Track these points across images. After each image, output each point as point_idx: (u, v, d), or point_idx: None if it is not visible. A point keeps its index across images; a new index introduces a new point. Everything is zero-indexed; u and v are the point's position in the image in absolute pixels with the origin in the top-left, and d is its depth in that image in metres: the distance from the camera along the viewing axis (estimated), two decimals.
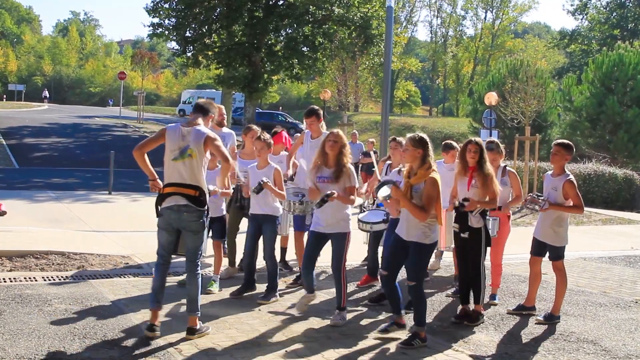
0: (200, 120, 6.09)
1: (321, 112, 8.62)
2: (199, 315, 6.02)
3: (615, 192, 22.28)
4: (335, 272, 6.68)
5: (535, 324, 6.99)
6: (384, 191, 5.97)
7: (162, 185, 6.00)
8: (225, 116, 9.42)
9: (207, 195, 6.07)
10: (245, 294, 7.49)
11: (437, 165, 6.32)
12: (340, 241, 6.63)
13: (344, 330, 6.43)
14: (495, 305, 7.70)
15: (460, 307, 7.07)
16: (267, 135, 7.65)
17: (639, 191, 23.34)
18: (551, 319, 7.04)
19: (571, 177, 6.94)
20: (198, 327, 5.99)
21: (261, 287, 7.58)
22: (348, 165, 6.63)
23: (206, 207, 6.00)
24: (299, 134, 9.49)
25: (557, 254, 7.05)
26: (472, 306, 6.98)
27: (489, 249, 7.18)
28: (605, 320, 7.28)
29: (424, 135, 6.12)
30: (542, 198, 7.00)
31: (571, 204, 6.91)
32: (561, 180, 6.92)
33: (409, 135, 6.18)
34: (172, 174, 5.91)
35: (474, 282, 6.90)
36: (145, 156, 6.00)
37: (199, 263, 6.06)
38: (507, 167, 7.95)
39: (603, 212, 18.76)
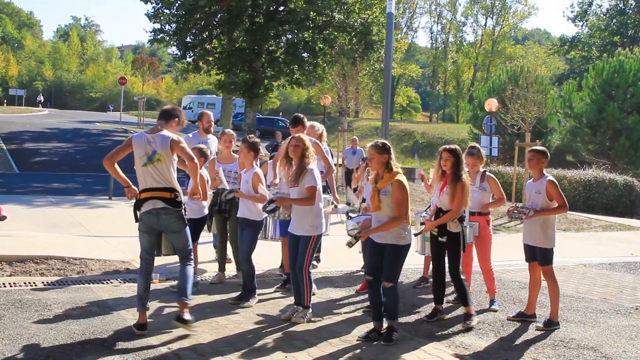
0: (163, 126, 6.35)
1: (306, 119, 8.74)
2: (188, 303, 6.19)
3: (616, 199, 22.28)
4: (299, 272, 6.81)
5: (535, 330, 6.99)
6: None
7: (138, 191, 6.22)
8: (213, 123, 9.80)
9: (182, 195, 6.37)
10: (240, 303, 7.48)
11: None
12: (305, 242, 6.78)
13: (342, 335, 6.43)
14: (496, 311, 7.70)
15: (433, 306, 7.26)
16: (254, 139, 7.67)
17: (639, 197, 23.34)
18: (550, 325, 7.03)
19: (551, 177, 7.07)
20: (186, 317, 6.11)
21: (260, 291, 7.58)
22: (308, 167, 6.74)
23: (183, 207, 6.30)
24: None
25: (546, 258, 7.07)
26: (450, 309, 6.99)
27: (470, 254, 7.32)
28: (605, 327, 7.27)
29: (386, 141, 6.40)
30: (526, 206, 7.07)
31: (555, 204, 6.97)
32: (543, 182, 7.02)
33: (371, 143, 6.40)
34: (145, 179, 6.17)
35: (456, 286, 7.10)
36: (116, 165, 6.25)
37: (191, 257, 6.42)
38: (487, 173, 7.99)
39: (603, 218, 18.76)
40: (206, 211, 8.15)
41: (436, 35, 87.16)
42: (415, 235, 7.60)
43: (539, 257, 7.10)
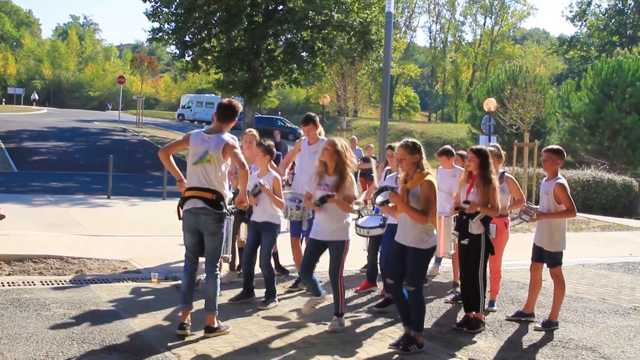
0: (223, 128, 6.27)
1: (318, 118, 8.62)
2: (217, 314, 6.24)
3: (614, 199, 22.29)
4: (333, 279, 6.68)
5: (534, 330, 6.99)
6: (382, 197, 6.03)
7: (185, 188, 6.23)
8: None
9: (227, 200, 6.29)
10: (244, 301, 7.47)
11: (438, 171, 6.36)
12: (339, 249, 6.63)
13: (342, 336, 6.42)
14: (494, 311, 7.70)
15: (463, 314, 7.06)
16: (269, 142, 7.63)
17: (638, 198, 23.35)
18: (549, 326, 7.03)
19: (562, 180, 6.98)
20: (216, 325, 6.21)
21: (259, 293, 7.57)
22: (349, 175, 6.61)
23: (225, 210, 6.18)
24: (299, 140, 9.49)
25: (554, 260, 7.05)
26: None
27: (498, 257, 7.15)
28: (604, 327, 7.27)
29: (416, 141, 6.17)
30: (532, 208, 7.03)
31: (564, 207, 6.91)
32: (552, 184, 6.96)
33: (401, 142, 6.20)
34: (192, 177, 6.17)
35: (473, 290, 6.88)
36: (171, 157, 6.29)
37: (217, 265, 6.27)
38: (505, 173, 7.94)
39: (602, 218, 18.78)
40: None
41: (435, 34, 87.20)
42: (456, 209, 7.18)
43: (547, 259, 7.08)
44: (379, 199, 6.03)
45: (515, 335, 6.82)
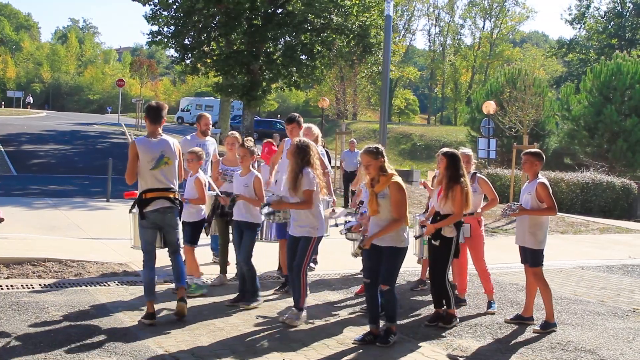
0: (158, 129, 6.81)
1: (302, 119, 8.73)
2: (186, 284, 7.00)
3: (613, 201, 22.30)
4: (295, 273, 6.80)
5: (533, 332, 6.99)
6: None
7: (141, 191, 6.65)
8: (211, 126, 9.79)
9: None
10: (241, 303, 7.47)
11: (436, 174, 6.42)
12: (304, 244, 6.78)
13: (339, 337, 6.43)
14: (493, 314, 7.70)
15: (434, 310, 7.22)
16: (250, 143, 7.69)
17: (637, 200, 23.37)
18: (547, 327, 7.03)
19: (543, 179, 7.09)
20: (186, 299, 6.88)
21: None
22: (304, 171, 6.71)
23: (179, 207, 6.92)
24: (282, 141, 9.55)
25: (537, 259, 7.09)
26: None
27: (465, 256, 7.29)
28: (603, 330, 7.27)
29: (378, 145, 6.38)
30: (514, 204, 7.13)
31: (545, 206, 6.98)
32: (534, 184, 7.06)
33: (363, 150, 6.36)
34: (152, 180, 6.61)
35: (442, 289, 7.05)
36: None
37: (180, 249, 6.99)
38: (477, 174, 8.01)
39: (601, 221, 18.77)
40: (204, 214, 8.16)
41: (434, 37, 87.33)
42: (416, 238, 7.63)
43: (529, 258, 7.13)
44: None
45: (514, 338, 6.81)
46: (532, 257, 7.11)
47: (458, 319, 7.18)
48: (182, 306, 6.74)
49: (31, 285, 7.92)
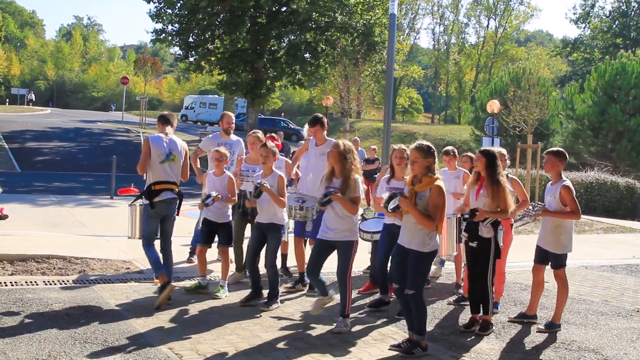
0: (169, 130, 7.61)
1: (325, 120, 8.60)
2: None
3: (617, 201, 22.24)
4: (341, 280, 6.68)
5: (537, 332, 6.98)
6: (393, 204, 5.95)
7: (150, 183, 7.35)
8: (233, 125, 9.59)
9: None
10: (253, 302, 7.46)
11: (441, 172, 6.35)
12: (347, 249, 6.64)
13: (344, 337, 6.42)
14: (497, 313, 7.68)
15: (467, 316, 7.07)
16: (272, 143, 7.65)
17: None
18: (551, 327, 7.02)
19: (567, 182, 6.96)
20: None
21: (264, 292, 7.58)
22: (354, 177, 6.62)
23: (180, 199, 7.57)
24: (302, 141, 9.51)
25: (559, 262, 7.04)
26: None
27: (503, 260, 7.15)
28: (606, 329, 7.26)
29: (431, 144, 6.13)
30: (538, 204, 7.03)
31: (568, 209, 6.91)
32: (558, 187, 6.95)
33: (415, 144, 6.14)
34: (160, 173, 7.36)
35: (481, 293, 6.87)
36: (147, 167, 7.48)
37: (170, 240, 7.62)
38: (510, 175, 7.93)
39: (605, 220, 18.74)
40: (230, 216, 8.13)
41: (438, 36, 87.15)
42: (460, 242, 7.35)
43: (552, 260, 7.06)
44: (391, 205, 5.96)
45: (518, 337, 6.81)
46: (554, 260, 7.03)
47: (493, 326, 6.99)
48: (167, 294, 7.15)
49: (35, 282, 7.93)
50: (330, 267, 7.02)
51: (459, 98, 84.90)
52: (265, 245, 7.43)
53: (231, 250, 8.33)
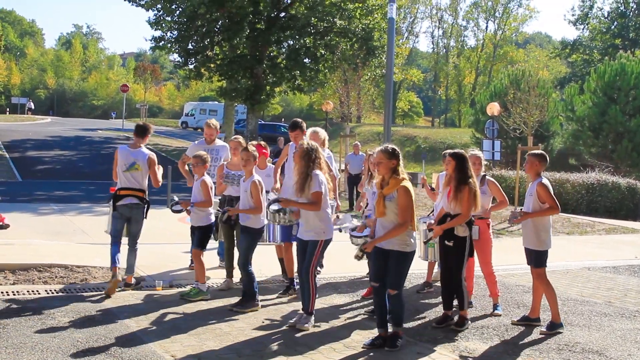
0: (141, 143, 8.43)
1: (304, 125, 8.79)
2: (133, 275, 8.37)
3: (619, 202, 22.20)
4: (303, 276, 6.78)
5: (540, 334, 6.96)
6: (359, 241, 6.49)
7: (117, 188, 8.31)
8: (214, 135, 9.74)
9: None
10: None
11: (439, 176, 6.41)
12: (312, 248, 6.75)
13: (347, 341, 6.41)
14: (499, 316, 7.67)
15: (442, 312, 7.24)
16: (252, 147, 7.73)
17: None
18: (553, 328, 7.01)
19: (543, 180, 7.08)
20: (132, 282, 8.28)
21: (263, 297, 7.58)
22: (312, 173, 6.70)
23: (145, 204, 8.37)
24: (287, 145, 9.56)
25: (540, 260, 7.09)
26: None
27: (474, 258, 7.38)
28: (610, 331, 7.24)
29: (395, 147, 6.32)
30: (518, 211, 7.13)
31: (547, 206, 6.95)
32: (534, 185, 7.06)
33: (380, 147, 6.35)
34: (124, 181, 8.30)
35: (456, 290, 7.05)
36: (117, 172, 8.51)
37: (137, 242, 8.42)
38: (487, 176, 8.00)
39: (606, 221, 18.71)
40: (212, 218, 8.17)
41: (437, 39, 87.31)
42: (425, 242, 7.62)
43: (533, 259, 7.12)
44: (357, 240, 6.81)
45: (521, 339, 6.79)
46: (535, 258, 7.10)
47: (470, 321, 7.16)
48: (125, 289, 8.09)
49: (37, 291, 7.92)
50: (331, 271, 7.01)
51: (458, 101, 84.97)
52: (239, 246, 7.57)
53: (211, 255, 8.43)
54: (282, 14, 32.22)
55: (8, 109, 70.38)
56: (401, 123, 77.67)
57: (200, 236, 8.07)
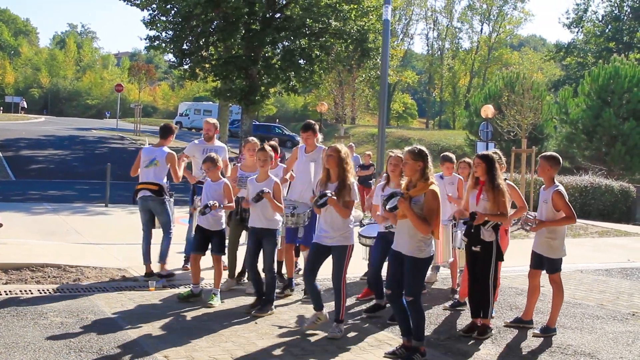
0: (165, 143, 9.09)
1: (317, 126, 8.62)
2: (166, 264, 8.89)
3: (612, 205, 22.29)
4: (336, 284, 6.68)
5: (533, 336, 6.98)
6: (391, 204, 5.92)
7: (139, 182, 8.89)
8: (213, 132, 9.64)
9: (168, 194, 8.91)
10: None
11: (435, 178, 6.35)
12: (341, 254, 6.65)
13: (341, 343, 6.41)
14: (492, 318, 7.67)
15: (466, 321, 7.09)
16: (269, 148, 7.65)
17: (636, 203, 23.35)
18: (547, 332, 7.03)
19: (559, 187, 6.97)
20: (165, 273, 8.81)
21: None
22: (349, 181, 6.64)
23: (165, 196, 8.85)
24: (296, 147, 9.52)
25: (554, 267, 7.05)
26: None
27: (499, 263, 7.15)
28: (602, 333, 7.27)
29: (423, 148, 6.10)
30: (532, 216, 7.04)
31: (562, 215, 6.91)
32: (550, 192, 6.95)
33: (408, 148, 6.16)
34: (143, 175, 8.90)
35: (482, 297, 6.87)
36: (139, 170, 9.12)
37: (171, 231, 8.93)
38: (507, 180, 7.92)
39: (599, 224, 18.77)
40: (224, 223, 8.10)
41: (432, 41, 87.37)
42: (459, 248, 7.47)
43: (547, 265, 7.07)
44: (389, 205, 5.94)
45: (514, 342, 6.81)
46: (549, 265, 7.05)
47: (492, 330, 7.02)
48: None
49: (30, 290, 7.90)
50: (325, 273, 7.00)
51: (453, 103, 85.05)
52: (262, 250, 7.43)
53: (224, 257, 8.32)
54: (277, 15, 32.21)
55: (2, 108, 70.17)
56: (395, 125, 77.68)
57: (219, 241, 7.95)
